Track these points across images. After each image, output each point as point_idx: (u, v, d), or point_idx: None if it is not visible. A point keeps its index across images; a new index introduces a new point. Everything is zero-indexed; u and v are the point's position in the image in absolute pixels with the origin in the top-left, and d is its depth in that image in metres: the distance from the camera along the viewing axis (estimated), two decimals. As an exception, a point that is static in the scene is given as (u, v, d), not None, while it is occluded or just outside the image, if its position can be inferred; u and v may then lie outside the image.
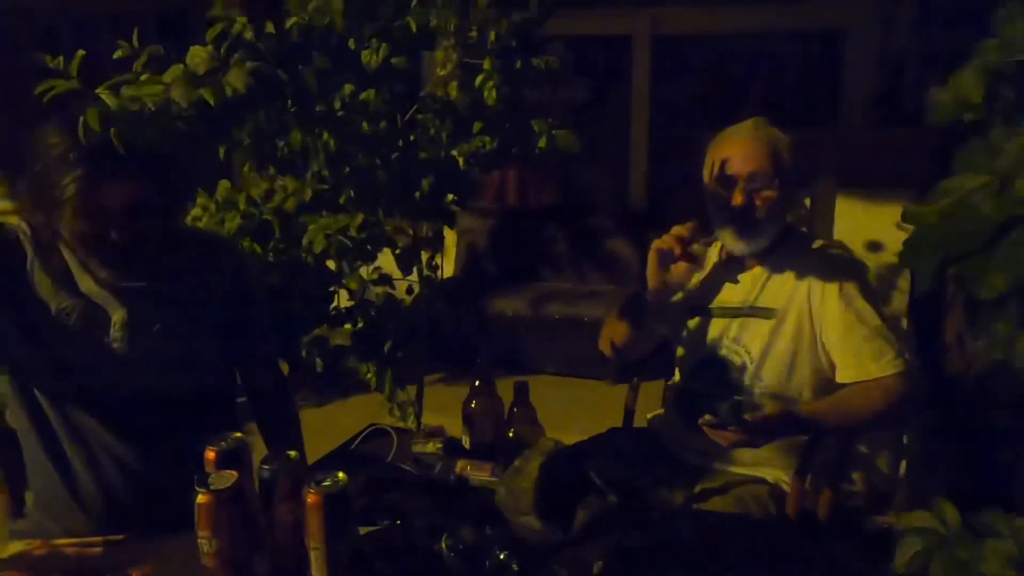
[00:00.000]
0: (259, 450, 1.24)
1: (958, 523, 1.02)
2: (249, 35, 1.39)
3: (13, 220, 1.40)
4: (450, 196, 1.98)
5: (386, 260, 2.01)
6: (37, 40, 5.86)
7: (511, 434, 1.35)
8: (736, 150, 1.60)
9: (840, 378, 1.57)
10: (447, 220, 2.05)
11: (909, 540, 1.29)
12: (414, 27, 1.50)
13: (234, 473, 1.05)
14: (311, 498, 1.01)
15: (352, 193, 1.84)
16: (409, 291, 2.07)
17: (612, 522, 1.22)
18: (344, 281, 1.76)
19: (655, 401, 2.05)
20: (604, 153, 4.56)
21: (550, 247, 4.42)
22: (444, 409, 1.93)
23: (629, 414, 2.02)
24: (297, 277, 1.79)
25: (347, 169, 1.79)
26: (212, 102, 1.22)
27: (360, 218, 1.73)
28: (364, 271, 1.82)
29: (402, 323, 1.82)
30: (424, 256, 2.05)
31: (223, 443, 1.13)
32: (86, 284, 1.36)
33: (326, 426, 1.99)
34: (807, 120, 3.97)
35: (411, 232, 2.02)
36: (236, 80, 1.29)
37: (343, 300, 2.04)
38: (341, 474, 1.04)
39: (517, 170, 4.49)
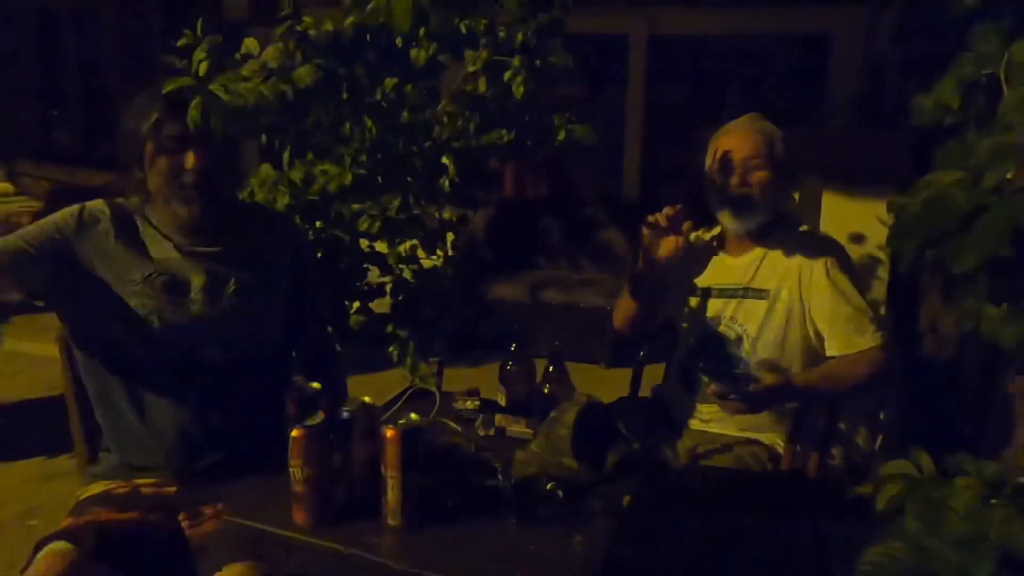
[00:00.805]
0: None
1: (931, 469, 1.22)
2: (313, 33, 1.55)
3: (98, 203, 1.56)
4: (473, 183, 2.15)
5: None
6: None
7: (546, 390, 1.53)
8: (734, 139, 1.81)
9: (828, 351, 1.76)
10: (471, 205, 2.22)
11: (889, 485, 1.48)
12: (464, 29, 1.67)
13: (321, 414, 1.21)
14: (390, 433, 1.18)
15: (385, 178, 2.00)
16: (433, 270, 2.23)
17: (636, 466, 1.40)
18: (387, 258, 1.92)
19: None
20: (598, 147, 4.75)
21: (546, 237, 4.60)
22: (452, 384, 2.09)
23: (635, 387, 2.20)
24: (336, 254, 1.95)
25: (380, 155, 1.95)
26: (291, 95, 1.37)
27: (397, 201, 1.90)
28: (402, 248, 1.98)
29: (437, 297, 1.99)
30: (449, 238, 2.22)
31: (303, 391, 1.30)
32: (167, 252, 1.52)
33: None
34: (794, 119, 4.18)
35: (436, 215, 2.19)
36: (307, 75, 1.46)
37: (373, 276, 2.20)
38: (414, 415, 1.21)
39: (514, 162, 4.66)
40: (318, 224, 1.99)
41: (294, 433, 1.18)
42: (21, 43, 6.16)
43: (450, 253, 2.18)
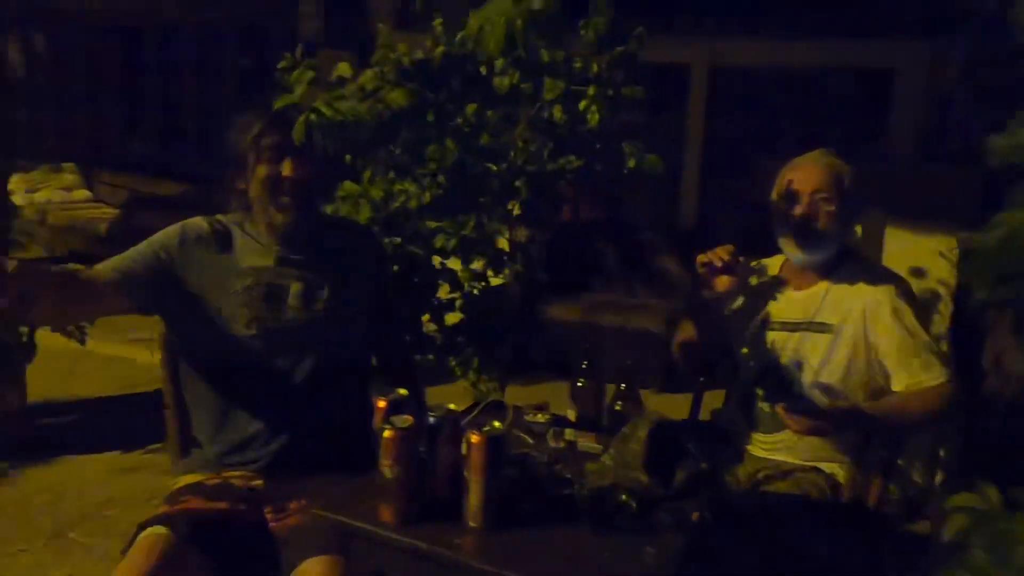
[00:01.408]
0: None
1: (999, 502, 1.24)
2: (407, 60, 1.66)
3: (197, 220, 1.69)
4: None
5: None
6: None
7: (617, 407, 1.59)
8: (803, 173, 1.83)
9: (895, 386, 1.76)
10: (540, 228, 2.30)
11: (955, 517, 1.50)
12: (546, 57, 1.76)
13: (411, 417, 1.30)
14: (475, 439, 1.26)
15: (462, 198, 2.09)
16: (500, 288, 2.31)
17: (704, 484, 1.45)
18: (458, 275, 2.01)
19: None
20: (656, 174, 4.81)
21: (601, 261, 4.66)
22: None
23: (695, 412, 2.23)
24: (412, 268, 2.05)
25: (459, 177, 2.05)
26: (385, 115, 1.47)
27: (474, 220, 1.99)
28: (477, 266, 2.07)
29: (504, 315, 2.07)
30: (518, 258, 2.30)
31: (391, 396, 1.39)
32: (263, 261, 1.64)
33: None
34: (855, 153, 4.16)
35: (507, 236, 2.27)
36: (400, 98, 1.56)
37: (442, 292, 2.29)
38: (496, 423, 1.28)
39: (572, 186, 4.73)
40: (396, 240, 2.09)
41: (386, 434, 1.26)
42: (105, 57, 6.50)
43: (520, 271, 2.26)
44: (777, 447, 1.87)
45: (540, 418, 1.66)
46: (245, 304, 1.59)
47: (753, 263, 2.00)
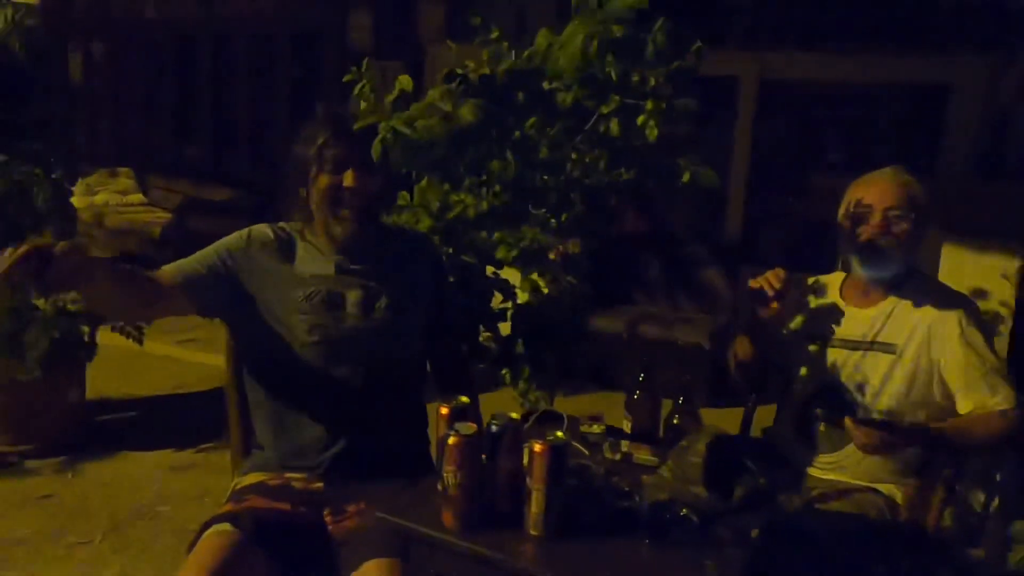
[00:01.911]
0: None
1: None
2: (474, 76, 1.69)
3: (262, 227, 1.72)
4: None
5: (511, 273, 2.28)
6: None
7: (675, 420, 1.59)
8: (875, 189, 1.78)
9: (961, 409, 1.72)
10: (593, 239, 2.32)
11: (1021, 546, 1.47)
12: (615, 75, 1.78)
13: (474, 424, 1.32)
14: (538, 448, 1.27)
15: (520, 209, 2.12)
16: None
17: (762, 500, 1.45)
18: (517, 285, 2.04)
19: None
20: (702, 186, 4.78)
21: (645, 272, 4.65)
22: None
23: (746, 428, 2.22)
24: (470, 277, 2.08)
25: (517, 188, 2.07)
26: (455, 132, 1.50)
27: (531, 232, 2.01)
28: (534, 277, 2.10)
29: (557, 325, 2.08)
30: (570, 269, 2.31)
31: (453, 403, 1.41)
32: (324, 269, 1.67)
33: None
34: (908, 170, 4.10)
35: (560, 248, 2.29)
36: (469, 113, 1.59)
37: (495, 302, 2.32)
38: (559, 432, 1.30)
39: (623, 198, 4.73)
40: (451, 249, 2.12)
41: (451, 440, 1.29)
42: (161, 64, 6.68)
43: (573, 283, 2.27)
44: (833, 467, 1.85)
45: (596, 429, 1.67)
46: (305, 312, 1.63)
47: (811, 280, 1.98)
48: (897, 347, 1.79)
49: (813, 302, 1.92)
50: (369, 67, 1.90)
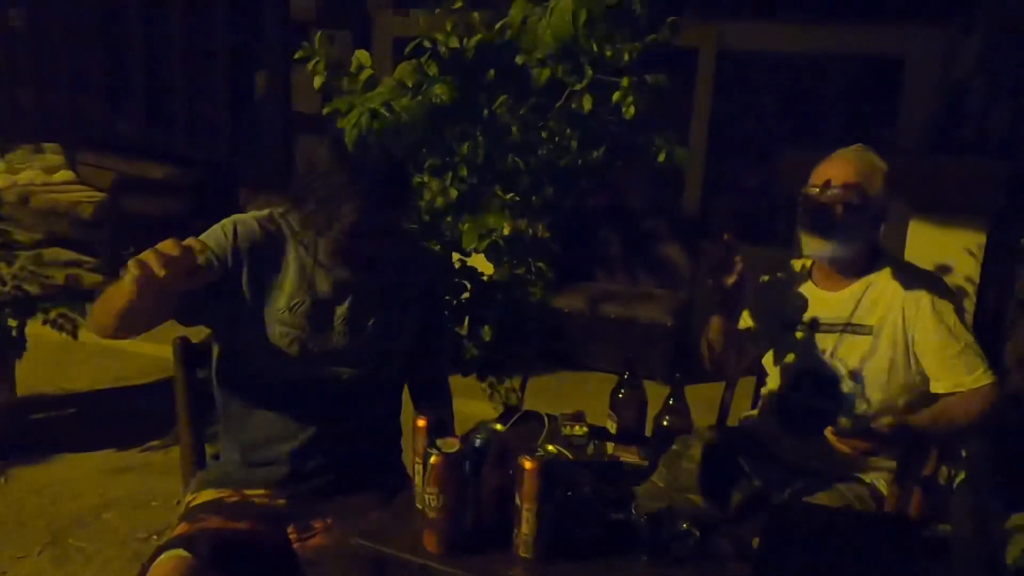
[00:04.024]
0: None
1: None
2: (444, 50, 1.54)
3: (251, 223, 1.50)
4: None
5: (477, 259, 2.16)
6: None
7: (665, 422, 1.50)
8: (832, 167, 1.77)
9: (934, 388, 1.73)
10: (562, 222, 2.20)
11: (1018, 538, 1.44)
12: (596, 49, 1.65)
13: (457, 441, 1.20)
14: (528, 464, 1.17)
15: (489, 194, 1.99)
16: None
17: (759, 505, 1.37)
18: (494, 276, 1.91)
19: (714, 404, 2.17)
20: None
21: (604, 249, 4.58)
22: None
23: (724, 412, 2.17)
24: (441, 272, 1.95)
25: (487, 172, 1.95)
26: (434, 111, 1.36)
27: (500, 221, 1.89)
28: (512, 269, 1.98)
29: (527, 310, 1.98)
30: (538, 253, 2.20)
31: (432, 414, 1.29)
32: (315, 277, 1.50)
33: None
34: (863, 143, 4.09)
35: (531, 232, 2.17)
36: (444, 92, 1.45)
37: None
38: (551, 447, 1.19)
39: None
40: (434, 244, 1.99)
41: (433, 460, 1.17)
42: (86, 31, 6.25)
43: (544, 269, 2.16)
44: (814, 454, 1.82)
45: (579, 430, 1.58)
46: (286, 323, 1.48)
47: (780, 264, 1.95)
48: (872, 328, 1.78)
49: (783, 286, 1.89)
50: (322, 41, 1.73)
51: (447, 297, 2.01)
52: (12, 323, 2.85)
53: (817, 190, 1.77)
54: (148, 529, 2.47)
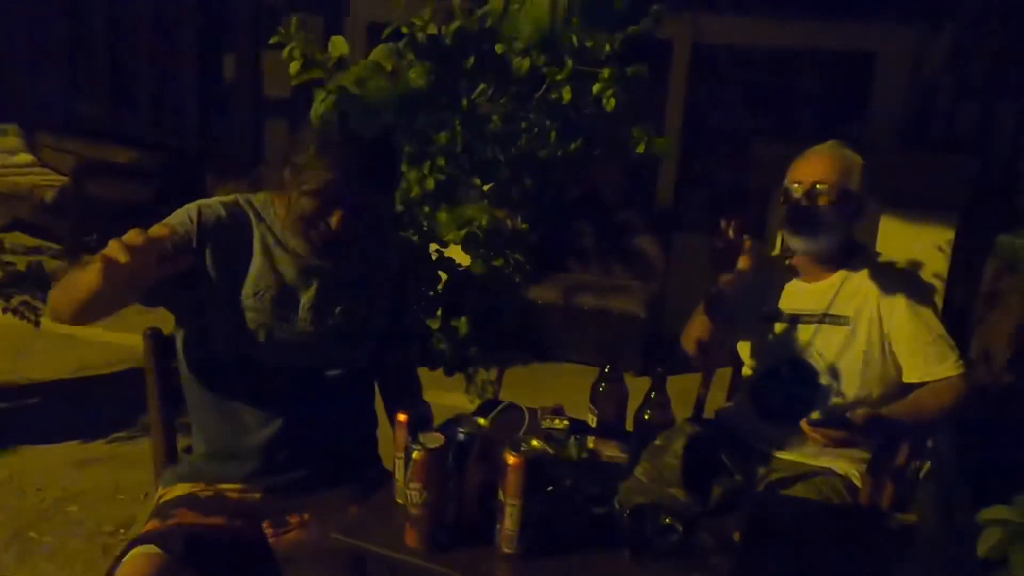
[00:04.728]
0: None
1: (1033, 515, 1.19)
2: (421, 36, 1.52)
3: (216, 208, 1.46)
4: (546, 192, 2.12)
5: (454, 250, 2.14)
6: None
7: (647, 416, 1.50)
8: (807, 164, 1.82)
9: (907, 378, 1.77)
10: (541, 214, 2.19)
11: (990, 530, 1.47)
12: (576, 42, 1.63)
13: (440, 436, 1.19)
14: (512, 460, 1.15)
15: (468, 185, 1.97)
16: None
17: (739, 498, 1.38)
18: (470, 266, 1.89)
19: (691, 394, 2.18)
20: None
21: (578, 240, 4.58)
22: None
23: (700, 404, 2.18)
24: (415, 261, 1.92)
25: (465, 162, 1.92)
26: (409, 96, 1.34)
27: (477, 213, 1.87)
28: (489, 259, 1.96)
29: (506, 302, 1.96)
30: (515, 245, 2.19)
31: (413, 409, 1.28)
32: (282, 263, 1.47)
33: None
34: (834, 137, 4.13)
35: (510, 223, 2.15)
36: (418, 78, 1.42)
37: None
38: (535, 441, 1.18)
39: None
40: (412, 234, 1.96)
41: (416, 455, 1.15)
42: (49, 7, 6.05)
43: (520, 259, 2.15)
44: (788, 445, 1.84)
45: (559, 424, 1.56)
46: (252, 309, 1.44)
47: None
48: (849, 319, 1.81)
49: (761, 277, 1.92)
50: (299, 27, 1.69)
51: (423, 288, 1.99)
52: (-30, 312, 2.76)
53: (798, 187, 1.79)
54: (115, 522, 2.41)
